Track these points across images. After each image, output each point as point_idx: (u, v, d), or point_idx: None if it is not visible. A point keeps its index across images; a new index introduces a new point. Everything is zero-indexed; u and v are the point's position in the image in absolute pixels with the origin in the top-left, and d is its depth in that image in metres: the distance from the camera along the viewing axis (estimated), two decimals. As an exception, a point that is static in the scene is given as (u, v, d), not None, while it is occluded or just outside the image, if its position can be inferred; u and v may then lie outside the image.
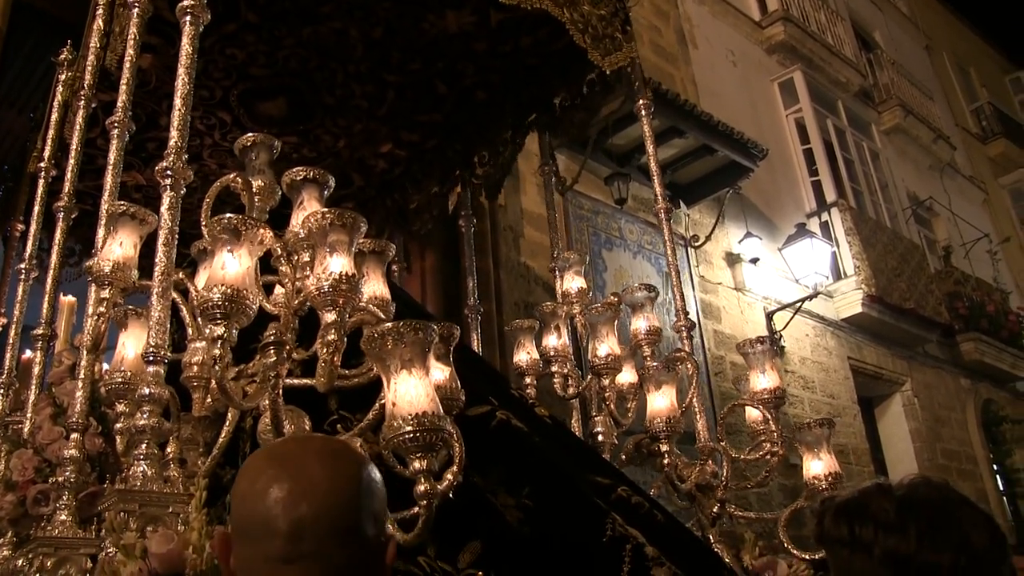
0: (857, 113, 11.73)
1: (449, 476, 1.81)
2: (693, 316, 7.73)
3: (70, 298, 4.03)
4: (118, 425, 2.21)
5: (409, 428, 1.62)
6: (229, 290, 1.86)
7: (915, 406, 10.31)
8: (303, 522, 1.11)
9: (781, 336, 8.59)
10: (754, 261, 8.65)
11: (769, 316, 8.69)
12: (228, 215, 1.95)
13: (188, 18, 2.43)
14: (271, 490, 1.13)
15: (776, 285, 8.98)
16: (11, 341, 3.35)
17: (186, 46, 2.37)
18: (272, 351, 1.75)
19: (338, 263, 1.88)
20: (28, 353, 3.73)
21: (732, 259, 8.64)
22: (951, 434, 10.79)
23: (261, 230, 1.95)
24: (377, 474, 1.21)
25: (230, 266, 1.90)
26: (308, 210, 2.17)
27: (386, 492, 1.22)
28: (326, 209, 1.93)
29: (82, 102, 3.17)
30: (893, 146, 12.86)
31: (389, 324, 1.63)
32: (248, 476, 1.19)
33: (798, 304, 8.71)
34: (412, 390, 1.63)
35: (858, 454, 8.96)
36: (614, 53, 3.34)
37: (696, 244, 8.09)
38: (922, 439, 10.14)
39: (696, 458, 3.08)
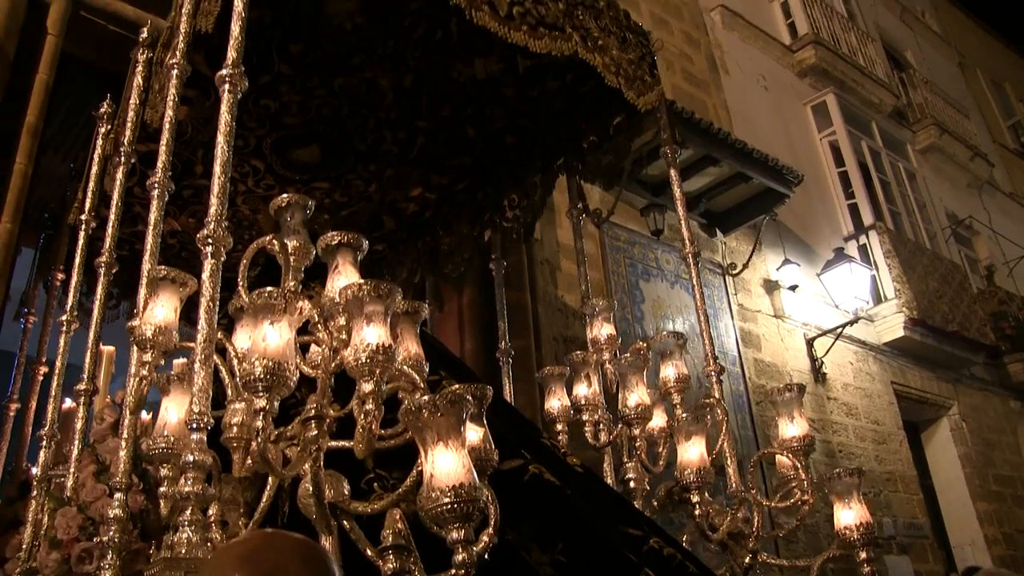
0: (892, 133, 11.64)
1: (485, 538, 1.84)
2: (732, 345, 7.72)
3: (109, 348, 4.08)
4: (162, 489, 2.24)
5: (447, 500, 1.65)
6: (271, 363, 1.91)
7: (963, 430, 10.12)
8: None
9: (823, 363, 8.51)
10: (793, 288, 8.59)
11: (810, 343, 8.60)
12: (268, 288, 1.99)
13: (227, 86, 2.45)
14: None
15: (816, 311, 8.90)
16: (53, 393, 3.36)
17: (225, 114, 2.39)
18: (314, 424, 1.78)
19: (374, 334, 1.91)
20: (68, 402, 3.77)
21: (770, 286, 8.58)
22: (1003, 458, 10.57)
23: (300, 302, 1.99)
24: None
25: (271, 338, 1.94)
26: (343, 274, 2.21)
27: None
28: (362, 281, 1.96)
29: (122, 158, 3.24)
30: (929, 165, 12.73)
31: (425, 397, 1.65)
32: None
33: (839, 330, 8.62)
34: (449, 462, 1.66)
35: (906, 481, 8.81)
36: (647, 94, 3.36)
37: (733, 272, 8.04)
38: (972, 464, 9.94)
39: (729, 499, 3.07)
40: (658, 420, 3.23)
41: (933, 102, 13.53)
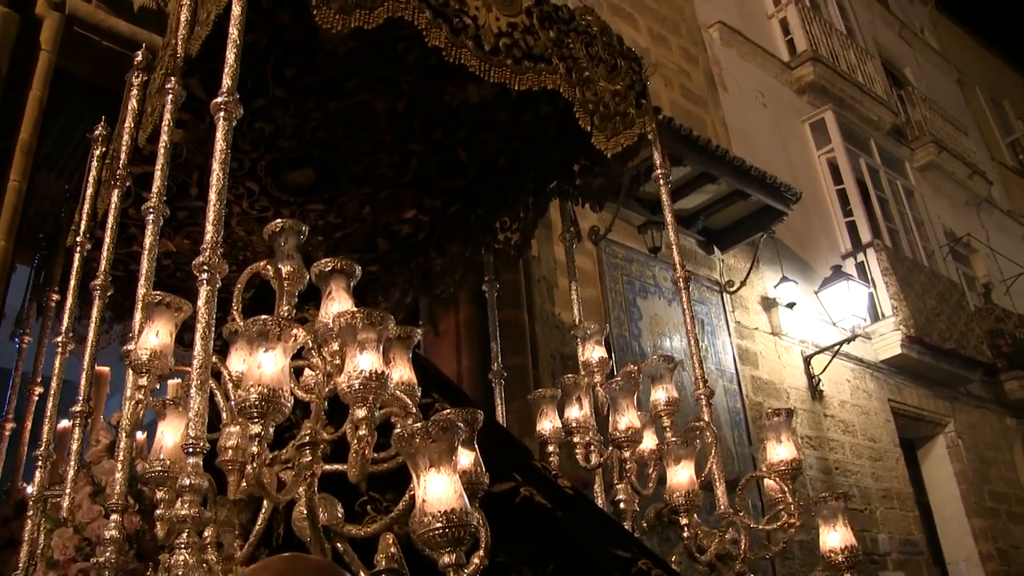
0: (890, 151, 11.68)
1: (476, 560, 1.86)
2: (729, 363, 7.74)
3: (104, 368, 4.08)
4: (158, 512, 2.27)
5: (439, 525, 1.68)
6: (266, 390, 1.94)
7: (959, 447, 10.15)
8: None
9: (820, 380, 8.54)
10: (790, 306, 8.62)
11: (807, 360, 8.64)
12: (263, 317, 2.02)
13: (222, 114, 2.45)
14: None
15: (813, 328, 8.93)
16: (49, 414, 3.36)
17: (220, 141, 2.40)
18: (308, 450, 1.82)
19: (368, 360, 1.95)
20: (63, 422, 3.78)
21: (768, 303, 8.61)
22: (999, 475, 10.59)
23: (295, 330, 2.02)
24: None
25: (266, 365, 1.97)
26: (336, 300, 2.24)
27: None
28: (355, 308, 2.00)
29: (116, 181, 3.25)
30: (928, 183, 12.77)
31: (418, 424, 1.68)
32: None
33: (836, 347, 8.66)
34: (441, 487, 1.69)
35: (902, 498, 8.83)
36: (622, 133, 3.39)
37: (731, 290, 8.08)
38: (968, 481, 9.96)
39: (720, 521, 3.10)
40: (648, 442, 3.27)
41: (932, 119, 13.59)
